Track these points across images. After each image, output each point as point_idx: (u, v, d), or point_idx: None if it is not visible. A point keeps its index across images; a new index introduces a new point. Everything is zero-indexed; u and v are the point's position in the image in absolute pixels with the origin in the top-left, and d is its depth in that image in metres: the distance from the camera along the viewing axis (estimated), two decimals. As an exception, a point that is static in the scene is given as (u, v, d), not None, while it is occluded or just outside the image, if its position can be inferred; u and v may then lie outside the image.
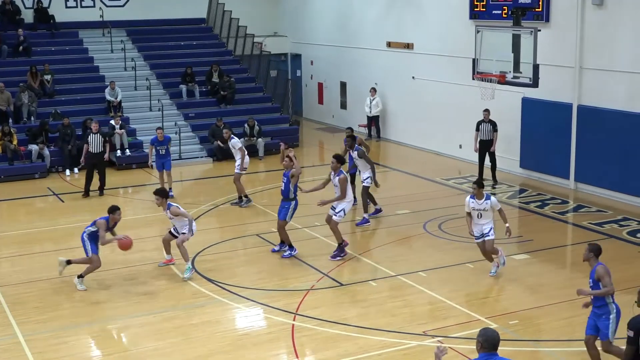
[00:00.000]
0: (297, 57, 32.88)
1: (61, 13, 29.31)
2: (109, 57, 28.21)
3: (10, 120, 23.49)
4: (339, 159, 14.94)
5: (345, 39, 29.08)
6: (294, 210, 14.95)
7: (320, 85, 31.46)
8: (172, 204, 14.14)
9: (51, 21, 28.83)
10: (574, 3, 19.16)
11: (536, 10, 19.82)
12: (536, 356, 10.79)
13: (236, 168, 18.64)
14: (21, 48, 26.84)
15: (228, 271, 14.32)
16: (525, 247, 15.46)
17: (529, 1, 20.07)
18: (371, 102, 27.01)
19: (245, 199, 18.90)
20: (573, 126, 19.60)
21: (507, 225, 13.42)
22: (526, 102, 20.79)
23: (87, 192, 19.93)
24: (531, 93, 19.75)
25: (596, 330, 9.86)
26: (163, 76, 27.67)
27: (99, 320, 12.36)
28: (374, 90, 26.97)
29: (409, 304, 12.76)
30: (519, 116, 20.99)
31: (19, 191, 20.84)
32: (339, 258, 14.80)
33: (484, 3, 21.54)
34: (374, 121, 27.25)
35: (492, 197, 13.43)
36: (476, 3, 21.84)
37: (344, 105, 30.05)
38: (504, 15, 20.53)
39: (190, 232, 14.07)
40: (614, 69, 18.56)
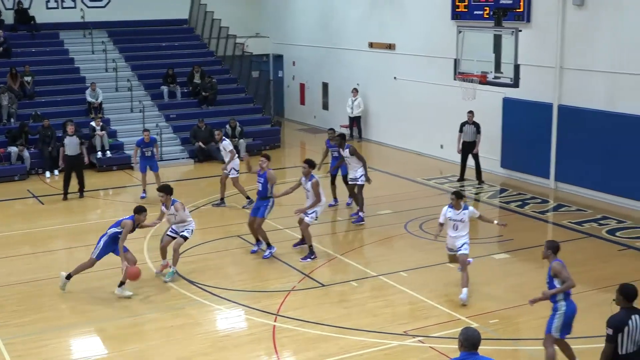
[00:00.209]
0: (279, 58, 32.86)
1: (42, 14, 29.14)
2: (89, 58, 28.08)
3: (-10, 122, 23.36)
4: (310, 164, 14.91)
5: (327, 39, 29.09)
6: (271, 208, 15.04)
7: (302, 86, 31.45)
8: (177, 200, 14.10)
9: (32, 22, 28.68)
10: (555, 4, 19.27)
11: (517, 10, 19.91)
12: (516, 355, 10.83)
13: (227, 171, 18.53)
14: (1, 49, 26.65)
15: (209, 272, 14.28)
16: (505, 247, 15.52)
17: (510, 2, 20.17)
18: (353, 103, 27.03)
19: (247, 200, 18.72)
20: (553, 126, 19.70)
21: (495, 222, 13.45)
22: (507, 102, 20.87)
23: (65, 195, 19.79)
24: (512, 93, 19.83)
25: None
26: (144, 77, 27.58)
27: (79, 323, 12.29)
28: (355, 91, 26.99)
29: (390, 304, 12.78)
30: (500, 116, 21.07)
31: (-1, 193, 20.72)
32: (309, 260, 14.79)
33: (466, 4, 21.62)
34: (355, 122, 27.27)
35: (470, 207, 12.99)
36: (458, 4, 21.92)
37: (325, 106, 30.06)
38: (485, 16, 20.62)
39: (190, 234, 14.07)
40: (594, 69, 18.67)
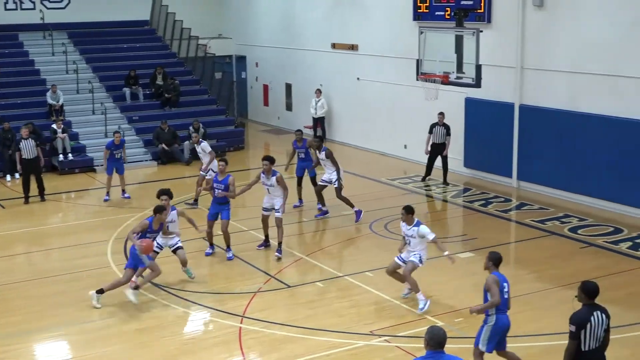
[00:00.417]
0: (242, 59, 32.78)
1: (0, 15, 28.73)
2: (50, 60, 27.74)
3: (-52, 125, 22.95)
4: (271, 160, 15.07)
5: (290, 40, 29.08)
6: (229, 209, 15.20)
7: (266, 87, 31.41)
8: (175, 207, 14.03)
9: (-10, 24, 28.31)
10: (515, 5, 19.47)
11: (478, 11, 20.09)
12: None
13: (205, 172, 18.29)
14: (-41, 51, 26.31)
15: (174, 275, 14.16)
16: (469, 245, 15.64)
17: (471, 2, 20.33)
18: (316, 104, 27.05)
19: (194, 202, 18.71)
20: (515, 125, 19.90)
21: (446, 253, 12.44)
22: (469, 102, 21.05)
23: (26, 198, 19.53)
24: (474, 93, 20.00)
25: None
26: (106, 79, 27.32)
27: (42, 327, 12.12)
28: (319, 92, 27.02)
29: (356, 304, 12.80)
30: (462, 116, 21.23)
31: (-42, 198, 20.39)
32: (278, 255, 15.06)
33: (427, 4, 21.75)
34: (319, 122, 27.28)
35: (422, 226, 12.28)
36: (419, 4, 22.04)
37: (289, 107, 30.05)
38: (446, 17, 20.76)
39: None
40: (554, 68, 18.90)
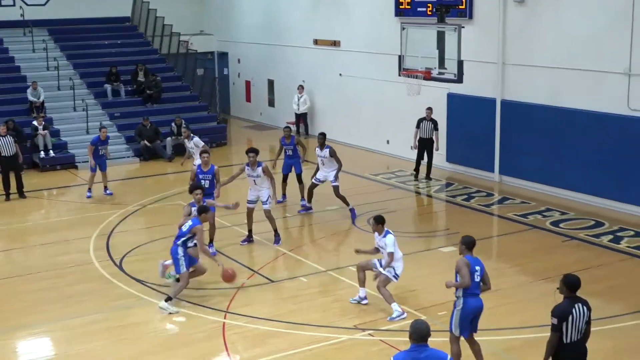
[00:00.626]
0: (224, 56, 32.71)
1: (-20, 12, 28.56)
2: (30, 57, 27.54)
3: None
4: (257, 152, 15.34)
5: (272, 36, 29.05)
6: None
7: (248, 84, 31.36)
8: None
9: (-31, 20, 28.07)
10: (497, 0, 19.54)
11: (460, 7, 20.15)
12: (464, 345, 10.93)
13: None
14: (-62, 48, 26.07)
15: (157, 271, 14.11)
16: (452, 240, 15.69)
17: (452, -2, 20.38)
18: (299, 100, 27.06)
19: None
20: (497, 120, 19.99)
21: (378, 271, 12.02)
22: (451, 98, 21.12)
23: (7, 195, 19.40)
24: (456, 88, 20.05)
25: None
26: (87, 76, 27.17)
27: (26, 324, 12.06)
28: (301, 88, 27.02)
29: (340, 298, 12.82)
30: (444, 111, 21.29)
31: (-62, 195, 20.22)
32: (279, 243, 15.36)
33: (409, 0, 21.78)
34: (301, 118, 27.30)
35: (388, 236, 11.92)
36: (401, 0, 22.07)
37: (271, 103, 30.03)
38: (428, 13, 20.81)
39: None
40: (535, 64, 19.00)
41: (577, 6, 17.94)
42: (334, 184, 17.19)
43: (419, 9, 21.40)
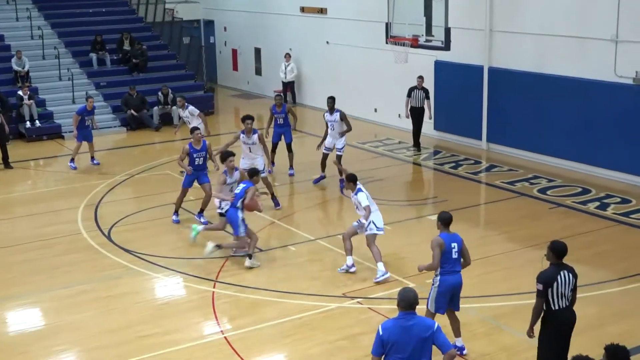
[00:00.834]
0: (210, 24, 32.46)
1: (-39, -19, 28.16)
2: (14, 25, 27.19)
3: None
4: (253, 118, 15.60)
5: (258, 4, 28.81)
6: None
7: (235, 52, 31.17)
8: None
9: (-49, -11, 27.69)
10: (483, -34, 19.45)
11: (447, -27, 20.00)
12: (452, 313, 11.03)
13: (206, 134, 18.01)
14: None
15: (145, 241, 14.16)
16: (440, 208, 15.65)
17: (439, -36, 20.22)
18: (286, 68, 26.92)
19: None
20: (484, 88, 19.98)
21: (361, 221, 12.29)
22: (439, 65, 21.06)
23: (-6, 166, 19.34)
24: (443, 56, 19.98)
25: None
26: (72, 45, 26.91)
27: (15, 295, 12.06)
28: (288, 56, 26.88)
29: (329, 267, 12.86)
30: (432, 79, 21.24)
31: None
32: (279, 207, 15.61)
33: (396, -33, 21.60)
34: (289, 87, 27.19)
35: (360, 193, 12.22)
36: (388, -33, 21.89)
37: (258, 72, 29.88)
38: (415, -21, 20.64)
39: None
40: (522, 31, 18.95)
41: (565, -28, 17.88)
42: (339, 153, 17.04)
43: (406, -25, 21.23)
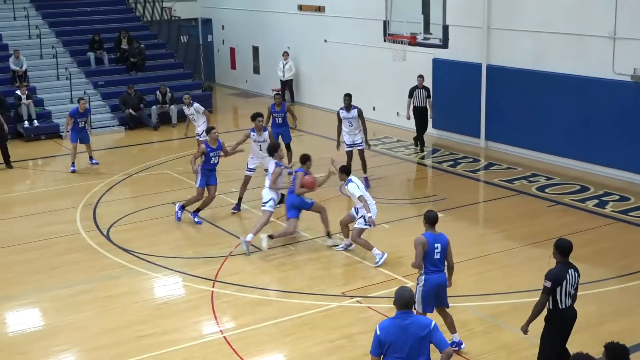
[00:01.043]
0: (207, 22, 32.44)
1: (-42, -20, 28.12)
2: (11, 25, 27.19)
3: None
4: (262, 115, 15.79)
5: (256, 2, 28.80)
6: None
7: (233, 50, 31.15)
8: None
9: (-52, -12, 27.65)
10: (481, -36, 19.44)
11: (445, -29, 19.99)
12: (451, 311, 10.98)
13: (202, 134, 18.15)
14: None
15: (144, 240, 14.16)
16: (438, 206, 15.71)
17: (437, -38, 20.21)
18: (284, 66, 26.92)
19: None
20: (482, 86, 19.98)
21: (368, 216, 12.59)
22: (437, 63, 21.06)
23: (-5, 165, 19.33)
24: (441, 54, 20.00)
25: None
26: (70, 44, 26.90)
27: (14, 295, 12.06)
28: (286, 54, 26.87)
29: (327, 266, 12.89)
30: (430, 77, 21.23)
31: None
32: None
33: (394, -35, 21.60)
34: (287, 85, 27.19)
35: (350, 183, 12.60)
36: (386, -35, 21.88)
37: (256, 70, 29.87)
38: (413, -23, 20.64)
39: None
40: (520, 28, 18.95)
41: (563, -30, 17.88)
42: (361, 147, 16.93)
43: (404, -27, 21.23)
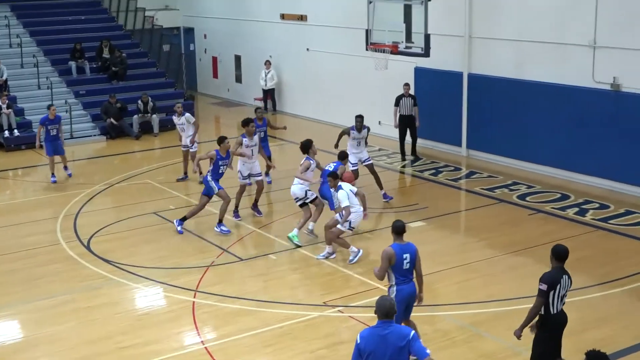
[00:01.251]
0: (190, 31, 32.40)
1: (-62, -12, 27.97)
2: (-8, 33, 27.11)
3: None
4: (252, 120, 16.18)
5: (238, 11, 28.80)
6: None
7: (215, 59, 31.13)
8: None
9: None
10: (462, -27, 19.55)
11: (426, -20, 20.07)
12: (432, 320, 11.07)
13: (191, 145, 18.16)
14: None
15: (125, 251, 14.09)
16: (420, 215, 15.78)
17: (418, -28, 20.30)
18: (266, 75, 26.92)
19: (184, 176, 18.60)
20: (464, 94, 20.06)
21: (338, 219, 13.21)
22: (419, 72, 21.13)
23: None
24: (423, 62, 20.06)
25: None
26: (51, 53, 26.79)
27: (-8, 307, 11.99)
28: (268, 63, 26.88)
29: (309, 275, 12.88)
30: (412, 86, 21.26)
31: None
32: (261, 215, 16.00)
33: (375, -26, 21.66)
34: (269, 94, 27.18)
35: (340, 191, 12.95)
36: (367, -26, 21.95)
37: (239, 79, 29.85)
38: (394, -14, 20.71)
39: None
40: (501, 37, 19.05)
41: (543, -21, 18.01)
42: (370, 162, 16.82)
43: (385, -18, 21.30)
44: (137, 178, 19.17)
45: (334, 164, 14.12)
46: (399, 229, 9.53)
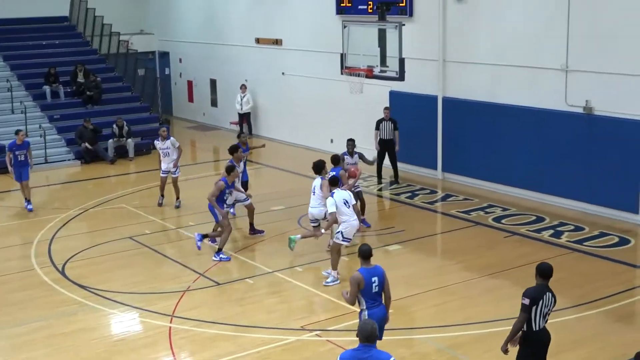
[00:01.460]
0: (165, 55, 32.39)
1: None
2: (-35, 58, 26.94)
3: None
4: (239, 146, 16.57)
5: (213, 35, 28.86)
6: None
7: (190, 83, 31.13)
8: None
9: None
10: (436, -2, 19.75)
11: (400, 5, 20.24)
12: (410, 343, 11.06)
13: (174, 170, 18.02)
14: None
15: (100, 276, 13.96)
16: (397, 238, 15.81)
17: (393, -4, 20.47)
18: (242, 99, 26.94)
19: (177, 200, 18.35)
20: (439, 118, 20.18)
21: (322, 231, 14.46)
22: (394, 95, 21.25)
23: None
24: (398, 86, 20.15)
25: None
26: (25, 77, 26.64)
27: (-36, 334, 11.80)
28: (244, 87, 26.92)
29: (287, 299, 12.83)
30: (388, 109, 21.41)
31: None
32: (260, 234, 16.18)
33: (350, -2, 21.88)
34: (245, 118, 27.18)
35: (329, 198, 13.38)
36: (342, -2, 22.16)
37: (214, 103, 29.86)
38: (369, 10, 20.90)
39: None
40: (475, 61, 19.24)
41: (515, 4, 18.22)
42: (359, 190, 16.61)
43: (360, 6, 21.48)
44: (112, 202, 19.05)
45: (333, 171, 14.61)
46: (365, 253, 9.50)
